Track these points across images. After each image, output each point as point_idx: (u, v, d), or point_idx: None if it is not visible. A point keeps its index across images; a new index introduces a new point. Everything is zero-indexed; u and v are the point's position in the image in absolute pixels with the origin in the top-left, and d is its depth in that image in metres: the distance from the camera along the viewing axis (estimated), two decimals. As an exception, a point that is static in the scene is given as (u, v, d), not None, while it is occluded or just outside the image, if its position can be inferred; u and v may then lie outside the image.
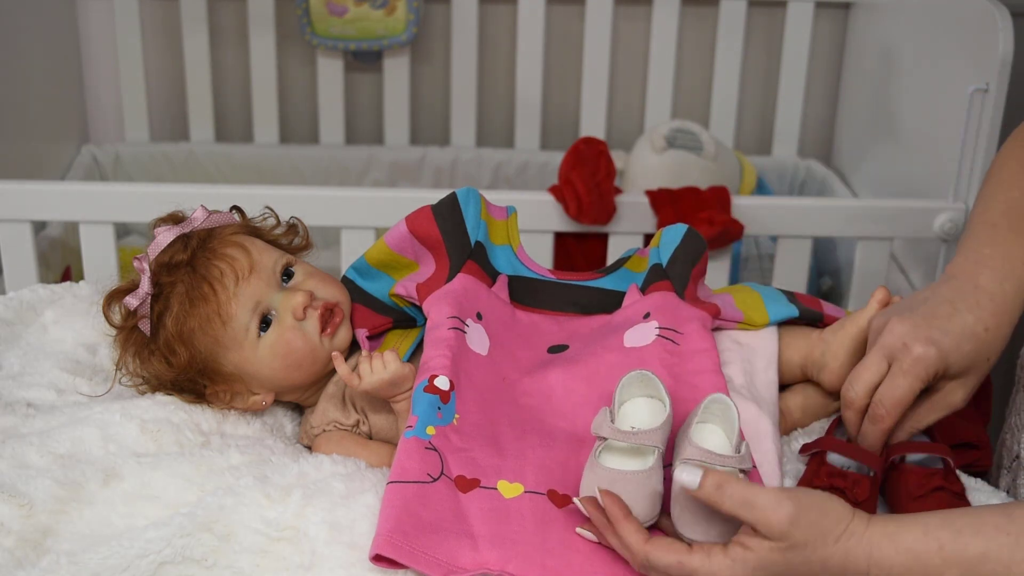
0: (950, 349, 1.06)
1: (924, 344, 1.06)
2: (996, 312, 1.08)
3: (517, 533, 1.00)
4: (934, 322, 1.07)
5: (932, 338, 1.06)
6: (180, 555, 1.00)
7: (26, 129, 2.23)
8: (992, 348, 1.08)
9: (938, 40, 2.04)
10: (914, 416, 1.11)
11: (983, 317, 1.08)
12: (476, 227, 1.24)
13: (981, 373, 1.10)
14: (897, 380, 1.07)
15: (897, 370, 1.08)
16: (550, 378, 1.16)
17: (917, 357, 1.06)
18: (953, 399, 1.10)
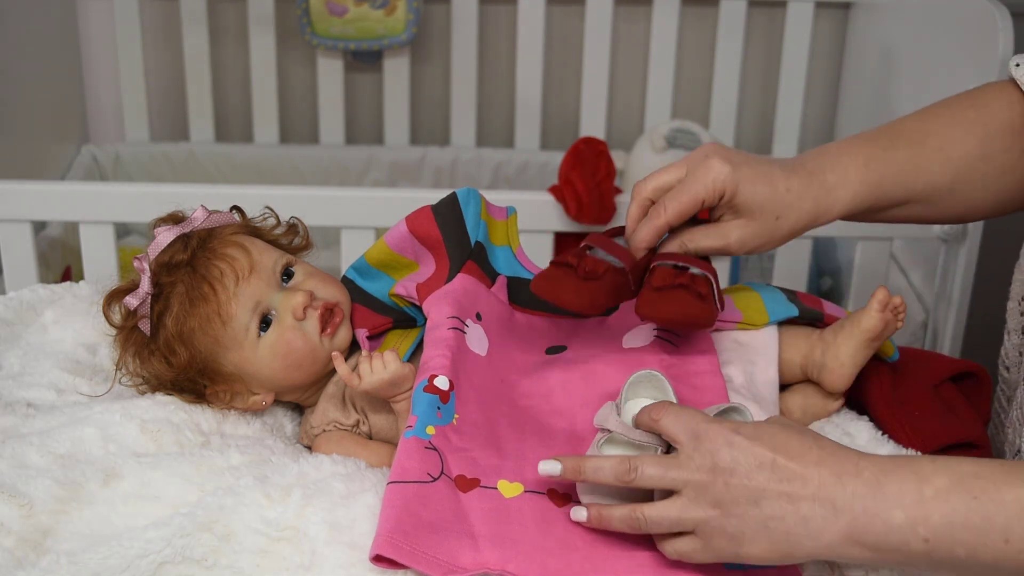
0: (745, 178, 1.08)
1: (722, 160, 1.08)
2: (806, 185, 1.09)
3: (517, 533, 1.00)
4: (742, 156, 1.10)
5: (732, 159, 1.08)
6: (180, 555, 1.00)
7: (26, 129, 2.23)
8: (786, 209, 1.09)
9: (938, 40, 2.04)
10: (687, 233, 1.12)
11: (791, 180, 1.09)
12: (476, 227, 1.24)
13: (765, 225, 1.10)
14: (686, 183, 1.10)
15: (689, 176, 1.10)
16: (549, 379, 1.16)
17: (710, 166, 1.08)
18: (728, 234, 1.11)
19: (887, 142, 1.13)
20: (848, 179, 1.11)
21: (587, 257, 1.10)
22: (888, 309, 1.19)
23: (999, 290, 1.28)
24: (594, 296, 1.08)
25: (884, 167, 1.12)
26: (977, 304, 1.96)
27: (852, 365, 1.19)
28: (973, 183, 1.15)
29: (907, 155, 1.13)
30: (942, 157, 1.13)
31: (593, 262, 1.09)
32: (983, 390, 1.26)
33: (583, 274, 1.08)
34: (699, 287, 1.08)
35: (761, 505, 0.92)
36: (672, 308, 1.07)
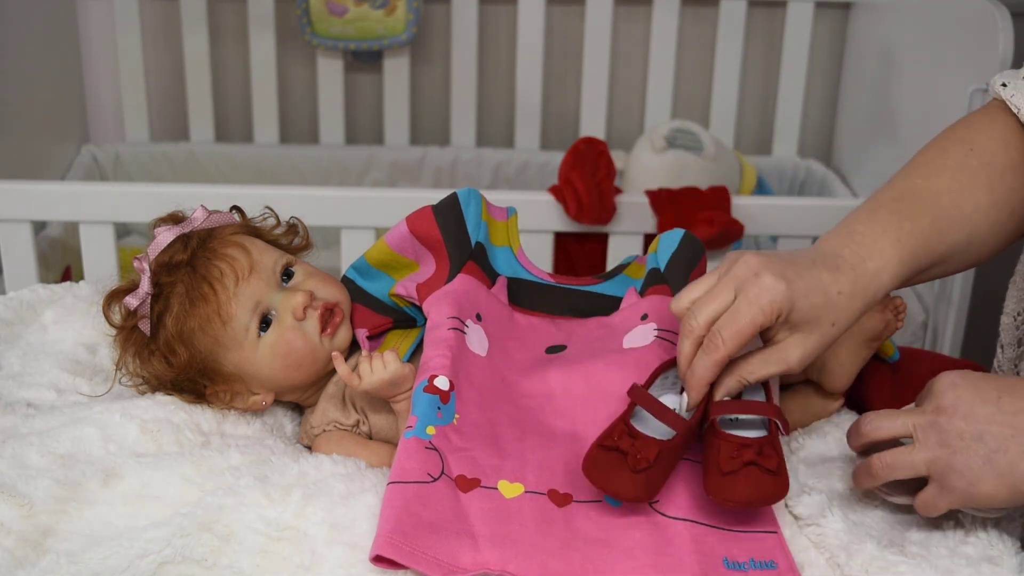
0: (799, 292, 1.01)
1: (774, 276, 1.01)
2: (854, 282, 1.05)
3: (518, 533, 1.00)
4: (789, 265, 1.03)
5: (784, 274, 1.01)
6: (180, 555, 1.00)
7: (26, 129, 2.23)
8: (840, 314, 1.04)
9: (938, 40, 2.04)
10: (745, 365, 1.04)
11: (839, 281, 1.04)
12: (477, 228, 1.24)
13: (824, 336, 1.04)
14: (741, 308, 1.01)
15: (742, 299, 1.01)
16: (549, 379, 1.16)
17: (765, 286, 1.00)
18: (788, 355, 1.04)
19: (909, 211, 1.10)
20: (887, 263, 1.07)
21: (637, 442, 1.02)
22: (888, 309, 1.19)
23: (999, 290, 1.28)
24: (650, 484, 1.02)
25: (914, 241, 1.09)
26: (977, 304, 1.96)
27: (852, 365, 1.19)
28: (986, 232, 1.13)
29: (929, 222, 1.10)
30: (958, 214, 1.11)
31: (644, 449, 1.01)
32: (983, 390, 1.26)
33: (635, 467, 1.01)
34: (767, 462, 1.01)
35: (985, 439, 0.96)
36: (746, 491, 1.00)
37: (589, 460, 1.03)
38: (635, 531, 1.01)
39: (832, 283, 1.03)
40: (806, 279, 1.02)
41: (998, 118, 1.16)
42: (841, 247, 1.07)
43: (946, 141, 1.16)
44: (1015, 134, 1.15)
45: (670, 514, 1.02)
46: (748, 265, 1.02)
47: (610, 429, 1.04)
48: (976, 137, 1.15)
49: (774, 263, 1.02)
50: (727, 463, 1.00)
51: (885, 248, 1.07)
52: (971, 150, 1.14)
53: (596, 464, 1.02)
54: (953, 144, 1.15)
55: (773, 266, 1.02)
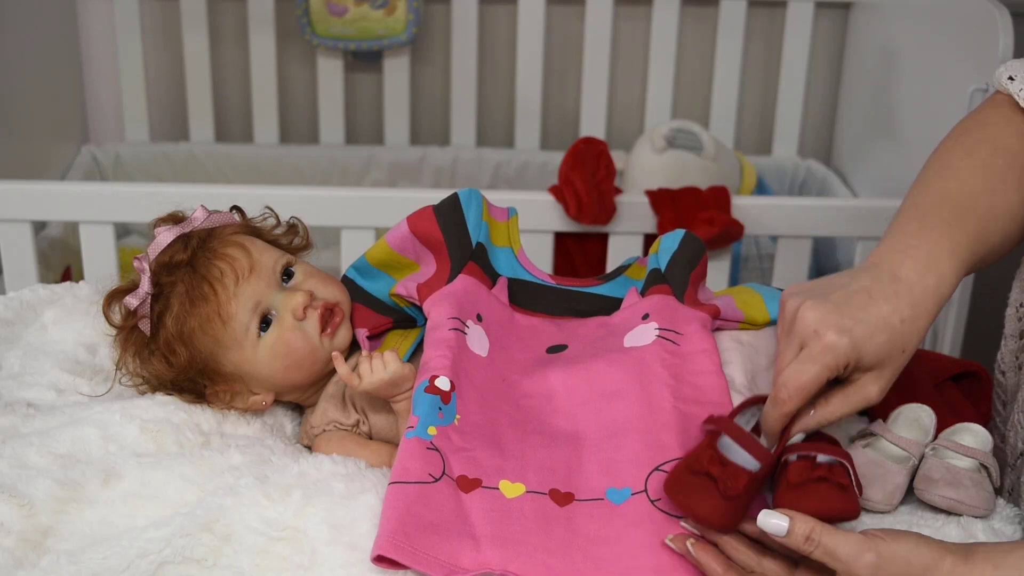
0: (862, 338, 1.02)
1: (836, 332, 1.02)
2: (914, 304, 1.04)
3: (519, 533, 1.00)
4: (847, 310, 1.03)
5: (844, 327, 1.02)
6: (180, 555, 1.00)
7: (26, 129, 2.23)
8: (908, 340, 1.04)
9: (938, 40, 2.04)
10: (826, 407, 1.06)
11: (900, 308, 1.04)
12: (477, 228, 1.24)
13: (897, 365, 1.05)
14: (805, 366, 1.03)
15: (806, 355, 1.03)
16: (550, 379, 1.16)
17: (827, 345, 1.02)
18: (867, 392, 1.05)
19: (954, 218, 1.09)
20: (945, 274, 1.07)
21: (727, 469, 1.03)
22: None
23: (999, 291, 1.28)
24: (735, 513, 1.02)
25: (965, 249, 1.09)
26: (977, 305, 1.96)
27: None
28: (1016, 229, 1.14)
29: (974, 226, 1.10)
30: (994, 216, 1.11)
31: (735, 477, 1.02)
32: (983, 390, 1.26)
33: (725, 493, 1.02)
34: (839, 477, 1.03)
35: None
36: (815, 503, 1.01)
37: (676, 483, 1.03)
38: (637, 529, 1.01)
39: (893, 314, 1.04)
40: (867, 322, 1.03)
41: (1010, 114, 1.16)
42: (899, 265, 1.06)
43: (968, 141, 1.16)
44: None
45: (672, 512, 1.02)
46: (806, 323, 1.03)
47: (698, 454, 1.04)
48: (996, 136, 1.15)
49: (831, 316, 1.02)
50: (796, 476, 1.02)
51: (942, 260, 1.07)
52: (995, 151, 1.14)
53: (683, 487, 1.02)
54: (977, 145, 1.15)
55: (831, 320, 1.02)
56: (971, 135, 1.16)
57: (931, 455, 1.13)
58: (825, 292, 1.05)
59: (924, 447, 1.13)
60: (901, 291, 1.04)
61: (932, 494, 1.10)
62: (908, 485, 1.12)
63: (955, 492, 1.09)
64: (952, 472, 1.10)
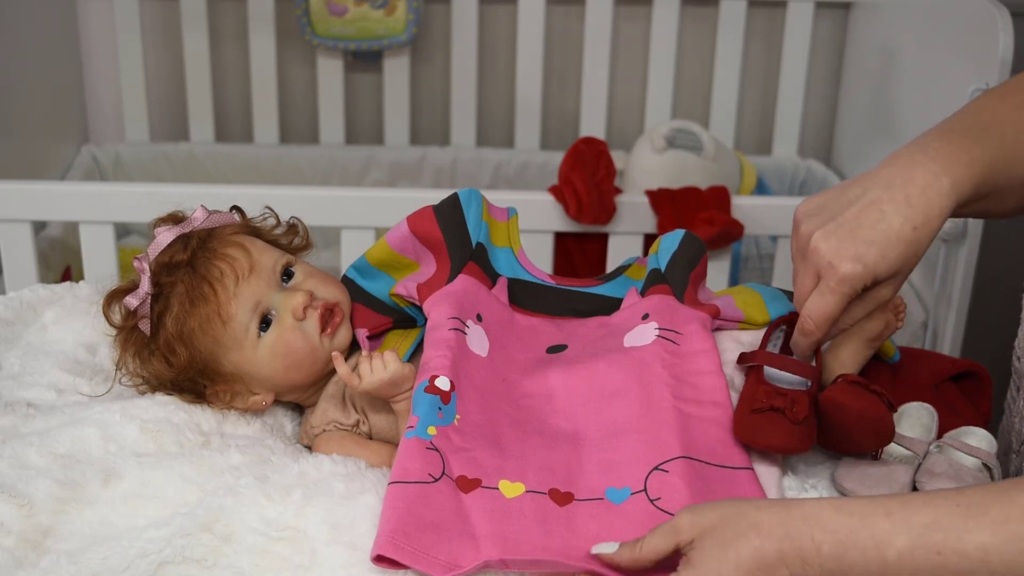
0: (876, 260, 1.05)
1: (851, 262, 1.05)
2: (926, 207, 1.05)
3: (519, 533, 1.00)
4: (859, 233, 1.05)
5: (857, 254, 1.05)
6: (180, 555, 1.00)
7: (26, 129, 2.23)
8: (921, 246, 1.07)
9: (938, 40, 2.04)
10: (845, 316, 1.10)
11: (912, 216, 1.05)
12: (478, 228, 1.24)
13: (911, 268, 1.09)
14: (825, 297, 1.07)
15: (825, 287, 1.07)
16: (550, 379, 1.16)
17: (843, 276, 1.05)
18: (882, 296, 1.10)
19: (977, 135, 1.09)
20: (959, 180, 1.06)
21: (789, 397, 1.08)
22: (888, 309, 1.19)
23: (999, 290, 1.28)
24: (809, 433, 1.09)
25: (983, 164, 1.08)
26: (977, 304, 1.96)
27: (853, 365, 1.19)
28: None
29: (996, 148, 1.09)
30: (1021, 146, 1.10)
31: (799, 402, 1.08)
32: (983, 390, 1.26)
33: (795, 419, 1.07)
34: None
35: None
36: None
37: (744, 426, 1.09)
38: (637, 528, 1.01)
39: (905, 224, 1.05)
40: (879, 242, 1.05)
41: None
42: (913, 167, 1.06)
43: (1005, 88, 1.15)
44: None
45: (672, 512, 1.02)
46: (820, 254, 1.06)
47: (752, 393, 1.10)
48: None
49: (845, 244, 1.05)
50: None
51: (960, 165, 1.07)
52: None
53: (755, 428, 1.08)
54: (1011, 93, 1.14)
55: (844, 249, 1.05)
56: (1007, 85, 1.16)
57: (935, 452, 1.13)
58: (837, 211, 1.07)
59: (928, 445, 1.13)
60: (913, 196, 1.05)
61: (933, 487, 1.10)
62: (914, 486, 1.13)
63: (956, 486, 1.09)
64: (955, 468, 1.10)
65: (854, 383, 1.10)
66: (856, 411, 1.07)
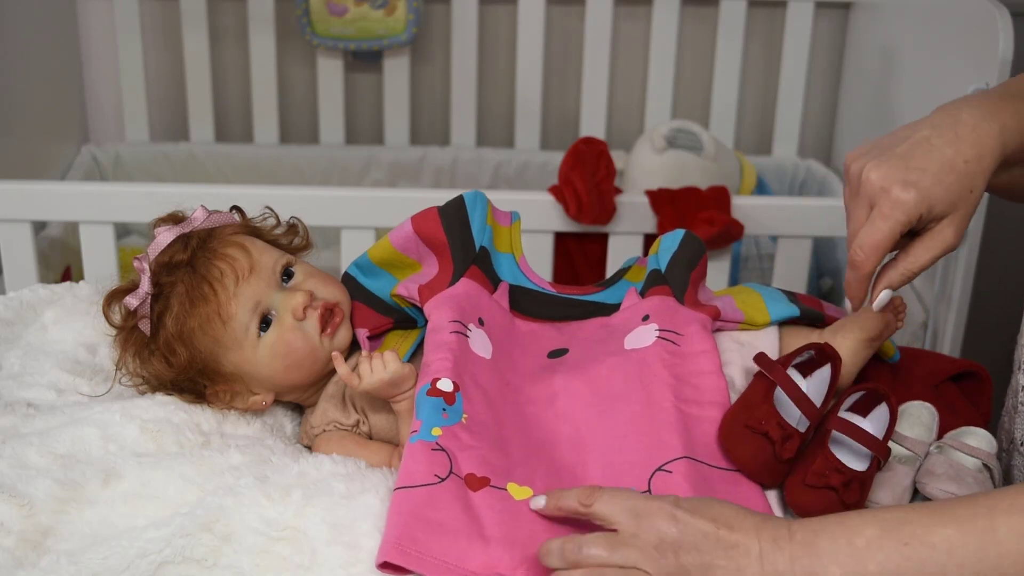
0: (930, 187, 1.03)
1: (902, 187, 1.03)
2: (976, 143, 1.05)
3: (527, 536, 1.00)
4: (911, 162, 1.04)
5: (909, 180, 1.03)
6: (180, 555, 1.00)
7: (26, 129, 2.23)
8: (974, 180, 1.05)
9: (938, 40, 2.04)
10: (907, 258, 1.07)
11: (962, 150, 1.05)
12: (482, 232, 1.24)
13: (968, 206, 1.06)
14: (877, 224, 1.04)
15: (877, 214, 1.04)
16: (552, 383, 1.16)
17: (896, 200, 1.03)
18: (945, 237, 1.06)
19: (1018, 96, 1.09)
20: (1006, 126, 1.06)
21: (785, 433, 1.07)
22: (888, 309, 1.19)
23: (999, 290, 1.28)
24: (779, 474, 1.09)
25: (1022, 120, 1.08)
26: (977, 304, 1.96)
27: (853, 365, 1.19)
28: None
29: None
30: None
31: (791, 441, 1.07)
32: (983, 390, 1.26)
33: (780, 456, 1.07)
34: (848, 496, 1.06)
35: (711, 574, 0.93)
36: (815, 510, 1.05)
37: (732, 434, 1.09)
38: None
39: (957, 156, 1.04)
40: (931, 171, 1.04)
41: None
42: (960, 110, 1.07)
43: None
44: None
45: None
46: (871, 182, 1.04)
47: (755, 410, 1.09)
48: None
49: (896, 171, 1.04)
50: (813, 478, 1.06)
51: (1005, 113, 1.06)
52: None
53: (739, 440, 1.08)
54: None
55: (896, 175, 1.04)
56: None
57: (935, 452, 1.13)
58: (887, 148, 1.06)
59: (928, 446, 1.13)
60: (963, 133, 1.05)
61: (934, 488, 1.10)
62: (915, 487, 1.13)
63: (957, 487, 1.09)
64: (955, 468, 1.10)
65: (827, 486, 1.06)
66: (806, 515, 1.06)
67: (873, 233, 1.04)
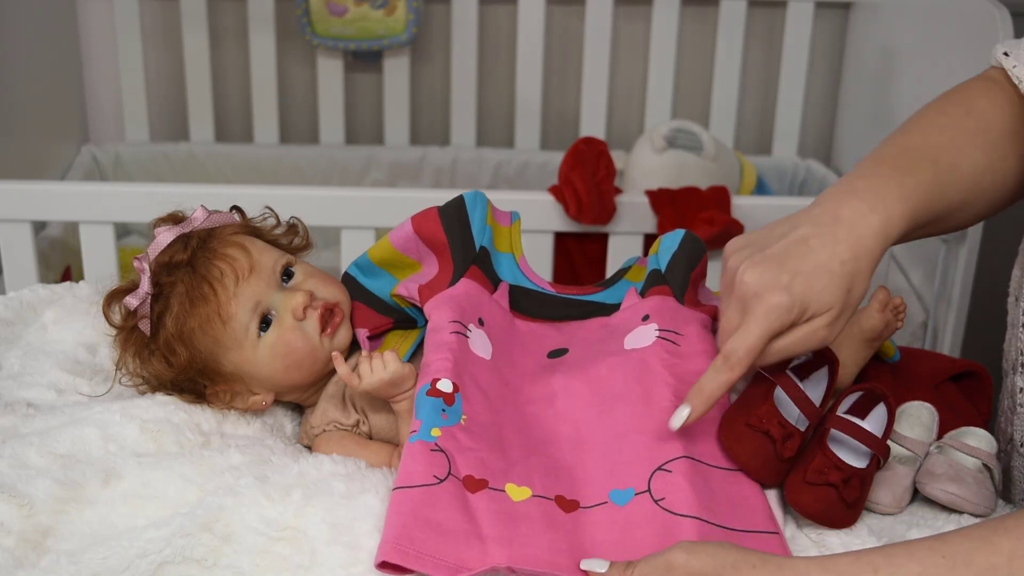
0: (803, 290, 1.02)
1: (774, 292, 1.02)
2: (854, 244, 1.04)
3: (525, 536, 1.00)
4: (786, 264, 1.03)
5: (783, 284, 1.02)
6: (180, 555, 1.00)
7: (26, 129, 2.23)
8: (853, 280, 1.04)
9: (938, 40, 2.04)
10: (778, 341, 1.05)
11: (839, 251, 1.03)
12: (482, 232, 1.24)
13: (847, 305, 1.05)
14: (750, 328, 1.03)
15: (750, 318, 1.03)
16: (552, 383, 1.16)
17: (768, 306, 1.02)
18: (820, 333, 1.05)
19: (911, 167, 1.09)
20: (891, 216, 1.06)
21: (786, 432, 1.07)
22: (888, 309, 1.20)
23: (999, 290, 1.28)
24: (779, 473, 1.08)
25: (917, 196, 1.08)
26: (977, 304, 1.96)
27: (853, 365, 1.19)
28: (981, 195, 1.13)
29: (931, 177, 1.09)
30: (957, 174, 1.11)
31: (792, 440, 1.07)
32: (983, 390, 1.26)
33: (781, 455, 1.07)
34: (848, 493, 1.06)
35: None
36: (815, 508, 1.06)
37: (732, 432, 1.08)
38: (642, 530, 1.01)
39: (832, 258, 1.03)
40: (805, 273, 1.03)
41: (996, 86, 1.16)
42: (841, 206, 1.06)
43: (944, 103, 1.16)
44: (1012, 103, 1.14)
45: (677, 511, 1.02)
46: (746, 285, 1.03)
47: (756, 408, 1.09)
48: (974, 101, 1.15)
49: (770, 274, 1.03)
50: (813, 475, 1.06)
51: (890, 202, 1.06)
52: (968, 112, 1.13)
53: (740, 438, 1.08)
54: (951, 106, 1.15)
55: (769, 279, 1.02)
56: (951, 98, 1.16)
57: (935, 452, 1.13)
58: (764, 246, 1.05)
59: (928, 446, 1.13)
60: (841, 233, 1.04)
61: (934, 488, 1.10)
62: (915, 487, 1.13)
63: (957, 488, 1.09)
64: (955, 468, 1.10)
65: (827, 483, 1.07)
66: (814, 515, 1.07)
67: (746, 338, 1.03)
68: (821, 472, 1.06)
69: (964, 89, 1.17)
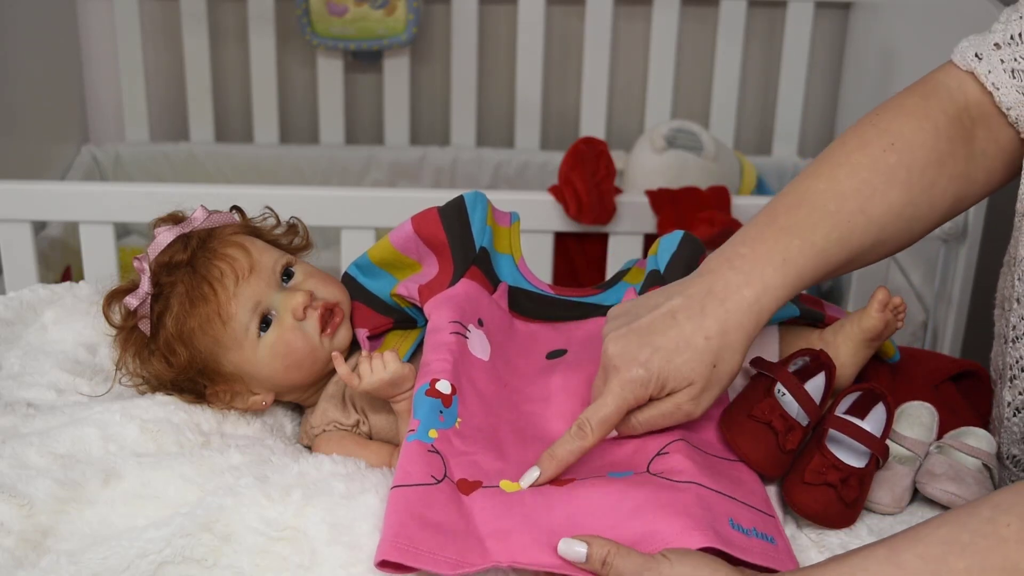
0: (661, 366, 1.02)
1: (631, 366, 1.02)
2: (721, 319, 1.03)
3: (520, 523, 1.00)
4: (647, 338, 1.03)
5: (641, 359, 1.02)
6: (180, 555, 1.00)
7: (26, 129, 2.23)
8: (719, 355, 1.03)
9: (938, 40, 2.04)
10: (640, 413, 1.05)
11: (705, 325, 1.03)
12: (482, 232, 1.24)
13: (711, 380, 1.04)
14: (606, 399, 1.03)
15: (608, 389, 1.04)
16: (550, 383, 1.16)
17: (624, 380, 1.02)
18: (683, 408, 1.05)
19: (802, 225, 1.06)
20: (767, 287, 1.04)
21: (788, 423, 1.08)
22: (888, 309, 1.19)
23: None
24: (781, 465, 1.09)
25: (803, 259, 1.05)
26: (977, 304, 1.96)
27: (852, 365, 1.19)
28: (899, 230, 1.10)
29: (825, 234, 1.06)
30: (864, 220, 1.07)
31: (794, 432, 1.08)
32: (983, 390, 1.26)
33: (784, 447, 1.07)
34: (847, 493, 1.06)
35: None
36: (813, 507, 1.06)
37: (734, 424, 1.09)
38: (641, 489, 1.01)
39: (697, 332, 1.03)
40: (665, 348, 1.02)
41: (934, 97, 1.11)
42: (716, 278, 1.05)
43: (868, 130, 1.11)
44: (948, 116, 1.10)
45: (677, 478, 1.02)
46: (608, 356, 1.04)
47: (758, 401, 1.09)
48: (903, 127, 1.10)
49: (630, 348, 1.03)
50: (811, 475, 1.07)
51: (767, 272, 1.04)
52: (892, 144, 1.09)
53: (742, 430, 1.08)
54: (875, 135, 1.10)
55: (629, 353, 1.03)
56: (876, 123, 1.11)
57: (935, 452, 1.13)
58: (635, 317, 1.06)
59: (928, 446, 1.13)
60: (709, 307, 1.03)
61: (934, 487, 1.10)
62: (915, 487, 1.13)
63: (957, 487, 1.09)
64: (955, 468, 1.10)
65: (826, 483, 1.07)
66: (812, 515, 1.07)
67: (600, 409, 1.03)
68: (819, 472, 1.06)
69: (896, 109, 1.12)
